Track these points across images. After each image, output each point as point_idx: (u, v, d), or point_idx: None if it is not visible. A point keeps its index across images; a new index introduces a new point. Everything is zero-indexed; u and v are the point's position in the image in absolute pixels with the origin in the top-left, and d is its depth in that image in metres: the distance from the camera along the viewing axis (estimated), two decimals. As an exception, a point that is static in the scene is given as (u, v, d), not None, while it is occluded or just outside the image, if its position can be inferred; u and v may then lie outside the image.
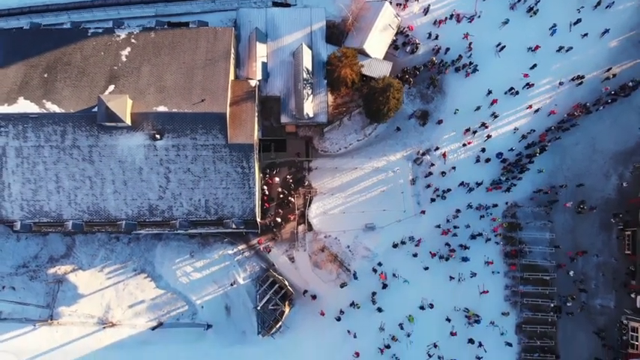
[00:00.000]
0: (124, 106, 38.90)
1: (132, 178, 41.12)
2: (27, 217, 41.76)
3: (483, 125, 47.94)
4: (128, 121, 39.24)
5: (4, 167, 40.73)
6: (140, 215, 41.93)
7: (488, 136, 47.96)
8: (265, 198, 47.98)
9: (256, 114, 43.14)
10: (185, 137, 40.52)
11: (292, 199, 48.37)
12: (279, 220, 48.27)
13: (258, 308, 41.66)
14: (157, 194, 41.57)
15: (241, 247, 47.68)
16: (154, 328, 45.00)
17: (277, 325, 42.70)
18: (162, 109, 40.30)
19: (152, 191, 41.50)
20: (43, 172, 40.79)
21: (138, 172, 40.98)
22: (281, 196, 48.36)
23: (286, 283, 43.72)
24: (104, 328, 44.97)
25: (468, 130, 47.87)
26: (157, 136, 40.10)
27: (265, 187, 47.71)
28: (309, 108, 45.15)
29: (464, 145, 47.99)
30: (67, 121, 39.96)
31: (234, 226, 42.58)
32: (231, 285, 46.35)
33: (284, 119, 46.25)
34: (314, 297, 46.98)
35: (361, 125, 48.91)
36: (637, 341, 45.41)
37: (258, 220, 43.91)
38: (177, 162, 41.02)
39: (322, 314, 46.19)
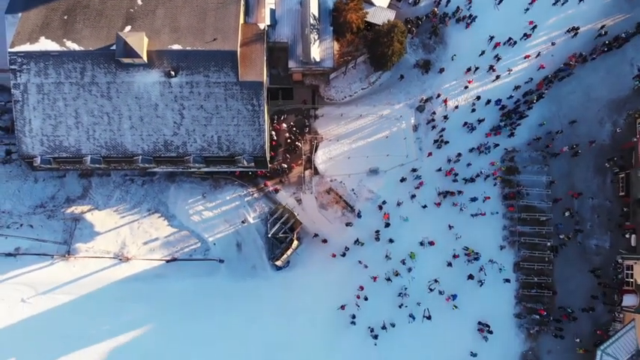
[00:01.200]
0: (140, 43, 40.87)
1: (148, 114, 43.04)
2: (47, 152, 43.64)
3: (491, 68, 50.08)
4: (144, 58, 41.19)
5: (25, 104, 42.65)
6: (156, 151, 43.85)
7: (497, 77, 50.18)
8: (274, 143, 50.06)
9: (265, 56, 45.13)
10: (198, 74, 42.48)
11: (299, 145, 50.40)
12: (285, 165, 50.32)
13: (269, 235, 43.61)
14: (172, 130, 43.49)
15: (251, 189, 49.71)
16: (168, 261, 46.95)
17: (287, 253, 44.59)
18: (176, 47, 42.25)
19: (167, 127, 43.42)
20: (62, 108, 42.69)
21: (153, 108, 42.92)
22: (288, 141, 50.44)
23: (295, 213, 45.64)
24: (120, 262, 46.90)
25: (469, 69, 49.90)
26: (172, 73, 42.03)
27: (273, 133, 49.80)
28: (316, 53, 47.17)
29: (465, 87, 50.00)
30: (86, 58, 41.89)
31: (245, 162, 44.45)
32: (242, 223, 48.33)
33: (291, 64, 48.26)
34: (324, 241, 48.92)
35: (366, 74, 50.94)
36: (631, 278, 47.35)
37: (268, 157, 45.87)
38: (191, 99, 42.96)
39: (334, 256, 48.22)
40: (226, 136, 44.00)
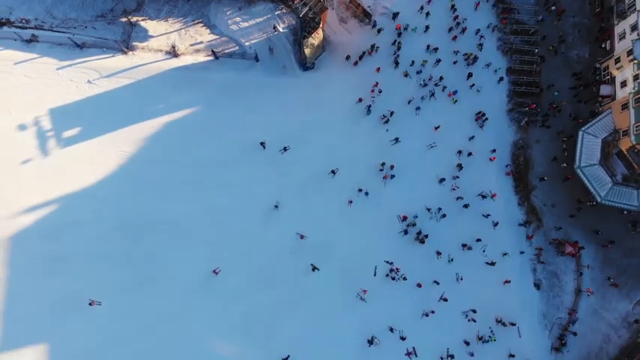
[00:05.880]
0: None
1: None
2: (112, -48, 51.81)
3: None
4: None
5: None
6: (204, -50, 52.00)
7: None
8: (300, -29, 58.07)
9: None
10: None
11: (321, -29, 58.43)
12: (310, -14, 58.30)
13: (300, 16, 51.48)
14: None
15: (280, 5, 57.72)
16: (214, 54, 54.69)
17: (315, 43, 52.24)
18: None
19: None
20: None
21: None
22: (312, -33, 58.51)
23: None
24: (172, 56, 54.65)
25: None
26: None
27: (300, -43, 57.81)
28: None
29: None
30: None
31: (277, -36, 52.47)
32: (273, 29, 56.24)
33: None
34: (355, 63, 56.27)
35: None
36: (608, 76, 55.32)
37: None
38: None
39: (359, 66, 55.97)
40: (264, -62, 52.11)
